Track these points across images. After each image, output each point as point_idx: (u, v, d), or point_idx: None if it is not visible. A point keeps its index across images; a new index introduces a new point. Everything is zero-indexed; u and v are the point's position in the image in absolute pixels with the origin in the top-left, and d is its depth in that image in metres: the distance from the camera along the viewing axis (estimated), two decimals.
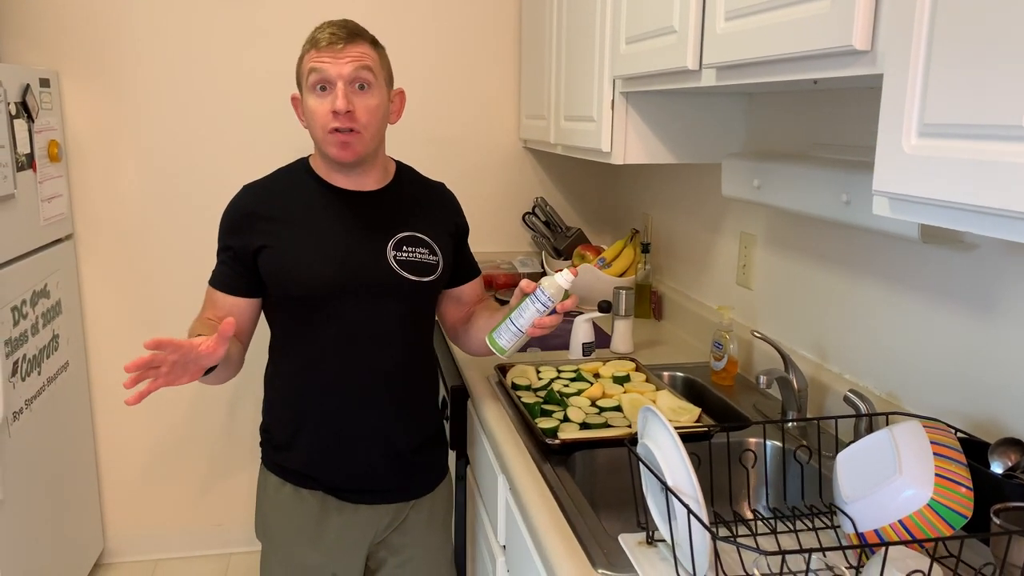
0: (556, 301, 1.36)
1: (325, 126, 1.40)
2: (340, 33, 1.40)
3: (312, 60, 1.40)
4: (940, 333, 1.31)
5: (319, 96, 1.41)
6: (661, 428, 0.98)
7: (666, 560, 1.04)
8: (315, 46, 1.41)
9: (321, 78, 1.39)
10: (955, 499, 0.95)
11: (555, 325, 1.38)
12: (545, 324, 1.37)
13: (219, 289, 1.47)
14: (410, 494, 1.57)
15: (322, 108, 1.40)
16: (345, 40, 1.40)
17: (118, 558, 2.79)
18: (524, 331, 1.38)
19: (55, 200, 2.37)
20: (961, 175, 0.79)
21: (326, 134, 1.41)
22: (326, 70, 1.39)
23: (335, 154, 1.43)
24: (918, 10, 0.83)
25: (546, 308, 1.35)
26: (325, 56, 1.39)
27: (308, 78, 1.41)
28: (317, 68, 1.39)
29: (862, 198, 1.31)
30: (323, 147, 1.44)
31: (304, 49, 1.44)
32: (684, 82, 1.46)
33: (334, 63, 1.39)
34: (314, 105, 1.41)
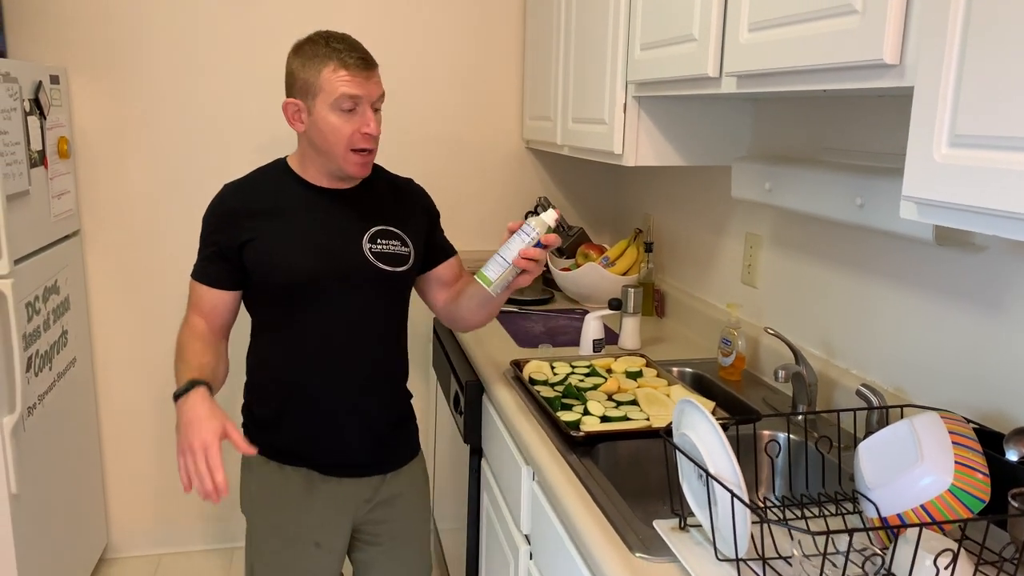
0: (540, 234, 1.41)
1: (351, 144, 1.50)
2: (368, 58, 1.50)
3: (342, 81, 1.47)
4: (949, 330, 1.38)
5: (344, 116, 1.48)
6: (702, 418, 1.03)
7: (700, 544, 1.10)
8: (344, 67, 1.47)
9: (354, 98, 1.47)
10: (974, 484, 1.02)
11: (540, 259, 1.44)
12: (530, 254, 1.42)
13: (205, 283, 1.57)
14: (387, 467, 1.68)
15: (348, 127, 1.49)
16: (371, 65, 1.50)
17: (122, 553, 2.80)
18: (510, 262, 1.43)
19: (64, 196, 2.38)
20: (991, 183, 0.85)
21: (348, 152, 1.51)
22: (358, 93, 1.47)
23: (356, 172, 1.54)
24: (950, 27, 0.90)
25: (530, 239, 1.41)
26: (358, 78, 1.47)
27: (336, 98, 1.47)
28: (350, 91, 1.47)
29: (876, 202, 1.38)
30: (339, 163, 1.52)
31: (321, 64, 1.47)
32: (702, 88, 1.52)
33: (365, 85, 1.48)
34: (338, 123, 1.48)
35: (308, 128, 1.52)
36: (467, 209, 2.85)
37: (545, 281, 2.72)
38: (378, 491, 1.67)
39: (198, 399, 1.37)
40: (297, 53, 1.52)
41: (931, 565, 0.92)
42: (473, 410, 1.95)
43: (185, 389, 1.39)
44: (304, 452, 1.60)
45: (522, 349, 2.06)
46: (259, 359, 1.63)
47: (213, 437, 1.32)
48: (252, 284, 1.56)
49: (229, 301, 1.58)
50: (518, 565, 1.59)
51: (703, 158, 1.95)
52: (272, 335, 1.60)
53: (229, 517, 2.87)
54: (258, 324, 1.63)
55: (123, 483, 2.76)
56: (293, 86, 1.52)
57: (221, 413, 1.36)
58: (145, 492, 2.78)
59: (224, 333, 1.61)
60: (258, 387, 1.64)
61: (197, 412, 1.35)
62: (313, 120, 1.50)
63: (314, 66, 1.48)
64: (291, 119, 1.54)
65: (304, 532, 1.62)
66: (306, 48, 1.51)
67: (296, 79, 1.51)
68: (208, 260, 1.56)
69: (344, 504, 1.64)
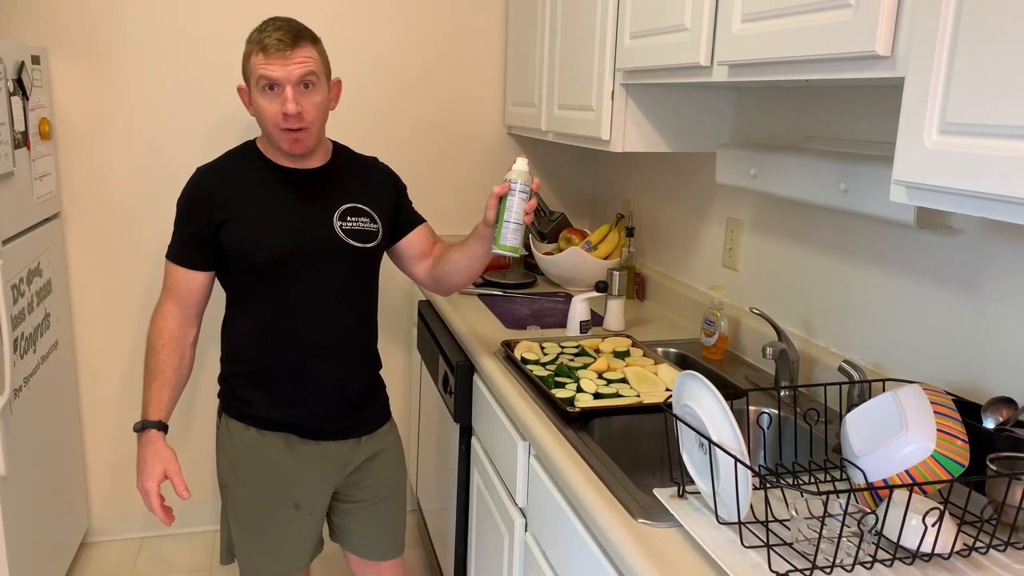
0: (530, 184, 1.53)
1: (276, 124, 1.57)
2: (286, 39, 1.54)
3: (260, 64, 1.54)
4: (926, 309, 1.46)
5: (268, 96, 1.56)
6: (704, 390, 1.09)
7: (699, 510, 1.16)
8: (263, 50, 1.54)
9: (270, 81, 1.54)
10: (954, 451, 1.09)
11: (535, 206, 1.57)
12: (533, 206, 1.55)
13: (182, 265, 1.64)
14: (363, 430, 1.77)
15: (272, 108, 1.56)
16: (291, 45, 1.54)
17: (104, 536, 2.80)
18: (522, 223, 1.54)
19: (45, 178, 2.36)
20: (980, 168, 0.91)
21: (278, 131, 1.58)
22: (275, 75, 1.53)
23: (288, 148, 1.61)
24: (941, 20, 0.96)
25: (526, 194, 1.53)
26: (274, 61, 1.53)
27: (256, 81, 1.55)
28: (266, 72, 1.53)
29: (859, 187, 1.45)
30: (275, 141, 1.61)
31: (250, 49, 1.57)
32: (693, 77, 1.57)
33: (282, 67, 1.54)
34: (264, 104, 1.57)
35: (253, 111, 1.62)
36: (449, 194, 2.88)
37: (527, 265, 2.77)
38: (354, 453, 1.76)
39: (148, 442, 1.56)
40: (246, 41, 1.61)
41: (919, 524, 0.99)
42: (464, 390, 1.99)
43: (142, 427, 1.57)
44: (282, 418, 1.68)
45: (510, 330, 2.11)
46: (235, 332, 1.70)
47: (152, 483, 1.54)
48: (229, 262, 1.63)
49: (205, 282, 1.66)
50: (513, 538, 1.64)
51: (687, 145, 2.01)
52: (248, 309, 1.67)
53: (211, 499, 2.88)
54: (233, 299, 1.70)
55: (104, 466, 2.76)
56: (242, 73, 1.63)
57: (166, 455, 1.55)
58: (126, 475, 2.78)
59: (198, 319, 1.68)
60: (234, 358, 1.70)
61: (145, 453, 1.55)
62: (252, 103, 1.60)
63: (247, 52, 1.59)
64: (245, 104, 1.64)
65: (285, 494, 1.69)
66: (249, 35, 1.60)
67: (242, 66, 1.62)
68: (185, 242, 1.63)
69: (323, 465, 1.72)
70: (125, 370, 2.70)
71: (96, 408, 2.71)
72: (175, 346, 1.62)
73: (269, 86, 1.55)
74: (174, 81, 2.56)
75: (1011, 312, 1.29)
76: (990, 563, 1.04)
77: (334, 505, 1.81)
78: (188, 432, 2.81)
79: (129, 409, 2.73)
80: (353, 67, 2.69)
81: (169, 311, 1.64)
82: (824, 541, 1.00)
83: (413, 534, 2.84)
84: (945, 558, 1.03)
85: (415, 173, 2.83)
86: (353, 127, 2.73)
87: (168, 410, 1.60)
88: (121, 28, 2.49)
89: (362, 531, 1.83)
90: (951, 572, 1.01)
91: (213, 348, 2.64)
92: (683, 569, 1.04)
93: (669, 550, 1.09)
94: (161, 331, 1.62)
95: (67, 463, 2.53)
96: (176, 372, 1.62)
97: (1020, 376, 1.28)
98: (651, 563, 1.06)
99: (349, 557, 1.87)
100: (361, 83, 2.71)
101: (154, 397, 1.59)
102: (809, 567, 0.99)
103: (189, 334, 1.66)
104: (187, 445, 2.81)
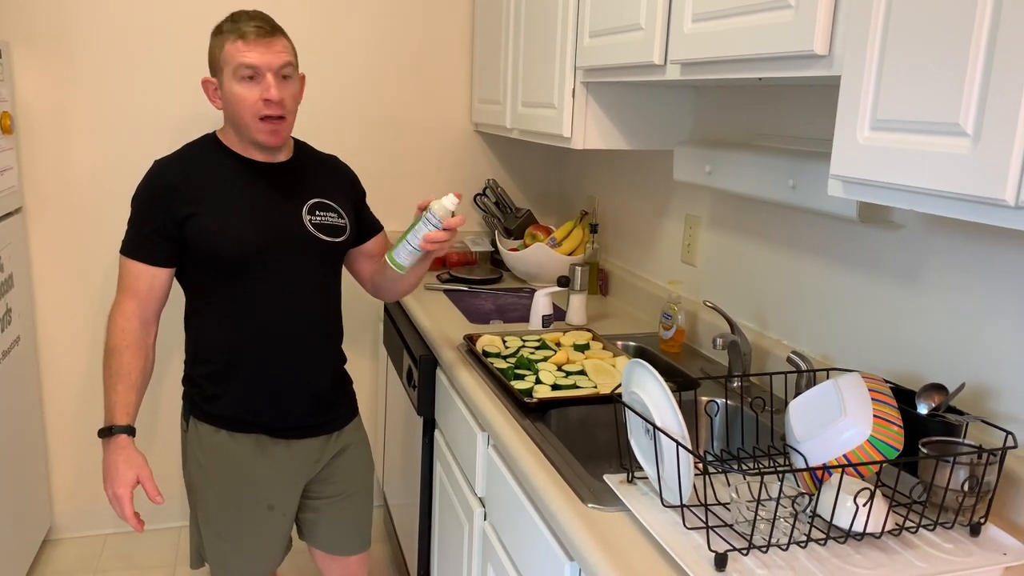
0: (443, 219, 1.54)
1: (255, 113, 1.56)
2: (265, 26, 1.55)
3: (240, 51, 1.53)
4: (871, 301, 1.51)
5: (247, 85, 1.55)
6: (650, 378, 1.12)
7: (646, 495, 1.20)
8: (241, 37, 1.53)
9: (252, 68, 1.53)
10: (889, 435, 1.14)
11: (445, 241, 1.55)
12: (434, 239, 1.54)
13: (142, 261, 1.59)
14: (332, 427, 1.77)
15: (251, 96, 1.55)
16: (270, 33, 1.55)
17: (67, 534, 2.78)
18: (418, 248, 1.56)
19: (6, 173, 2.34)
20: (907, 163, 0.96)
21: (256, 121, 1.57)
22: (256, 61, 1.53)
23: (265, 140, 1.59)
24: (872, 23, 1.00)
25: (432, 225, 1.54)
26: (254, 48, 1.53)
27: (235, 68, 1.54)
28: (247, 59, 1.53)
29: (806, 183, 1.49)
30: (250, 132, 1.59)
31: (223, 38, 1.56)
32: (648, 75, 1.61)
33: (262, 55, 1.54)
34: (242, 93, 1.55)
35: (223, 104, 1.60)
36: (416, 191, 2.90)
37: (493, 261, 2.80)
38: (324, 451, 1.76)
39: (118, 447, 1.52)
40: (213, 33, 1.60)
41: (851, 504, 1.04)
42: (427, 383, 2.01)
43: (109, 432, 1.53)
44: (252, 418, 1.66)
45: (474, 325, 2.13)
46: (200, 330, 1.67)
47: (125, 490, 1.50)
48: (193, 258, 1.59)
49: (166, 279, 1.62)
50: (473, 527, 1.67)
51: (647, 142, 2.05)
52: (213, 306, 1.64)
53: (175, 496, 2.87)
54: (196, 295, 1.66)
55: (67, 463, 2.74)
56: (210, 65, 1.61)
57: (137, 461, 1.52)
58: (89, 472, 2.76)
59: (158, 317, 1.64)
60: (200, 358, 1.68)
61: (116, 459, 1.51)
62: (224, 94, 1.58)
63: (219, 42, 1.57)
64: (211, 97, 1.62)
65: (258, 496, 1.68)
66: (218, 26, 1.59)
67: (210, 58, 1.60)
68: (145, 238, 1.58)
69: (295, 465, 1.72)
70: (88, 365, 2.69)
71: (59, 404, 2.69)
72: (139, 346, 1.58)
73: (249, 75, 1.53)
74: (139, 76, 2.56)
75: (947, 303, 1.34)
76: (920, 542, 1.08)
77: (302, 502, 1.80)
78: (153, 430, 2.80)
79: (92, 405, 2.72)
80: (319, 62, 2.70)
81: (130, 310, 1.58)
82: (762, 522, 1.04)
83: (380, 529, 2.86)
84: (877, 537, 1.07)
85: (381, 168, 2.85)
86: (319, 121, 2.73)
87: (135, 413, 1.56)
88: (85, 22, 2.48)
89: (329, 527, 1.83)
90: (883, 550, 1.06)
91: (173, 346, 2.63)
92: (629, 551, 1.08)
93: (616, 533, 1.12)
94: (123, 331, 1.57)
95: (29, 459, 2.52)
96: (141, 373, 1.58)
97: (953, 364, 1.33)
98: (598, 546, 1.09)
99: (315, 553, 1.87)
100: (327, 78, 2.72)
101: (120, 400, 1.54)
102: (746, 546, 1.02)
103: (151, 333, 1.62)
104: (152, 443, 2.80)
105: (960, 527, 1.12)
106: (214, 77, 1.60)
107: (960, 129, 0.89)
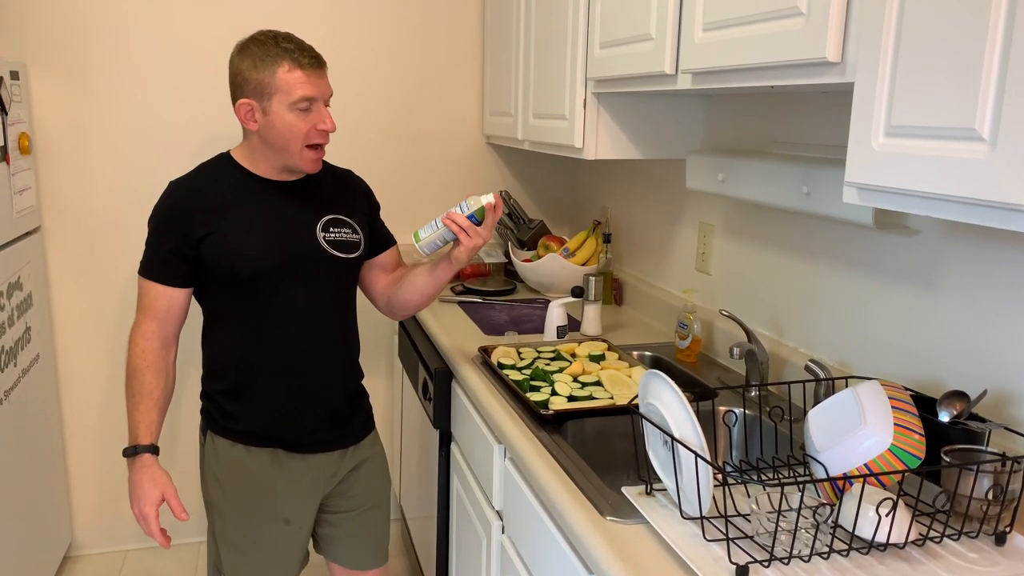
0: (472, 208, 1.59)
1: (308, 140, 1.57)
2: (318, 57, 1.57)
3: (300, 81, 1.53)
4: (888, 307, 1.50)
5: (302, 114, 1.55)
6: (667, 388, 1.12)
7: (665, 507, 1.19)
8: (299, 67, 1.53)
9: (311, 98, 1.54)
10: (911, 444, 1.13)
11: (469, 229, 1.59)
12: (456, 218, 1.59)
13: (160, 282, 1.60)
14: (349, 440, 1.77)
15: (305, 125, 1.56)
16: (321, 64, 1.58)
17: (87, 550, 2.80)
18: (439, 223, 1.61)
19: (25, 193, 2.37)
20: (923, 168, 0.95)
21: (304, 149, 1.58)
22: (315, 93, 1.55)
23: (311, 168, 1.62)
24: (885, 28, 1.00)
25: (462, 210, 1.60)
26: (312, 79, 1.54)
27: (293, 98, 1.53)
28: (306, 89, 1.53)
29: (821, 189, 1.48)
30: (294, 159, 1.59)
31: (275, 65, 1.52)
32: (660, 85, 1.61)
33: (319, 85, 1.56)
34: (295, 122, 1.55)
35: (262, 127, 1.57)
36: (429, 203, 2.91)
37: (507, 272, 2.80)
38: (340, 465, 1.75)
39: (143, 466, 1.55)
40: (244, 53, 1.55)
41: (874, 514, 1.02)
42: (442, 396, 2.01)
43: (134, 451, 1.56)
44: (269, 433, 1.67)
45: (488, 336, 2.13)
46: (217, 347, 1.68)
47: (151, 508, 1.54)
48: (210, 276, 1.60)
49: (184, 299, 1.63)
50: (491, 540, 1.66)
51: (659, 151, 2.05)
52: (230, 324, 1.64)
53: (195, 511, 2.87)
54: (213, 313, 1.67)
55: (88, 479, 2.76)
56: (244, 87, 1.55)
57: (162, 479, 1.56)
58: (109, 488, 2.78)
59: (177, 337, 1.66)
60: (218, 374, 1.68)
61: (141, 478, 1.55)
62: (269, 120, 1.55)
63: (267, 67, 1.53)
64: (244, 119, 1.58)
65: (274, 509, 1.69)
66: (254, 49, 1.54)
67: (248, 80, 1.54)
68: (162, 259, 1.59)
69: (312, 479, 1.72)
70: (106, 382, 2.71)
71: (78, 421, 2.71)
72: (160, 366, 1.60)
73: (307, 107, 1.54)
74: (153, 96, 2.58)
75: (965, 309, 1.33)
76: (945, 552, 1.07)
77: (319, 516, 1.80)
78: (173, 445, 2.81)
79: (112, 421, 2.74)
80: (332, 76, 2.71)
81: (150, 331, 1.60)
82: (783, 533, 1.03)
83: (397, 542, 2.85)
84: (900, 547, 1.06)
85: (394, 181, 2.86)
86: (334, 136, 2.75)
87: (158, 432, 1.58)
88: (100, 44, 2.51)
89: (347, 541, 1.83)
90: (906, 561, 1.04)
91: (191, 362, 2.65)
92: (648, 564, 1.07)
93: (636, 546, 1.12)
94: (144, 352, 1.59)
95: (49, 476, 2.53)
96: (163, 393, 1.60)
97: (973, 370, 1.31)
98: (618, 559, 1.08)
99: (333, 567, 1.87)
100: (340, 92, 2.74)
101: (143, 420, 1.56)
102: (768, 558, 1.01)
103: (171, 353, 1.64)
104: (172, 458, 2.82)
105: (985, 536, 1.10)
106: (251, 99, 1.55)
107: (976, 134, 0.88)
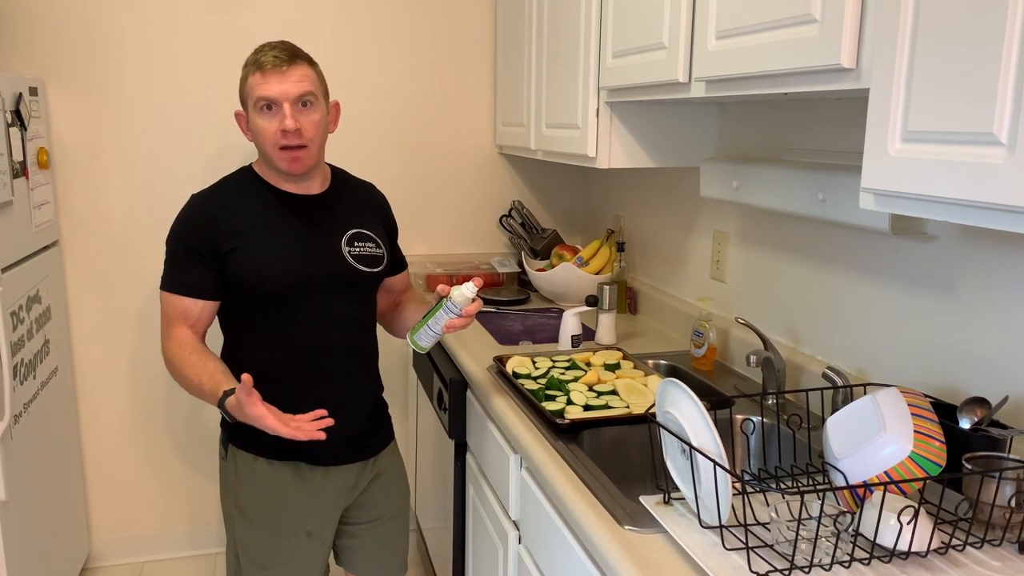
0: (463, 307, 1.55)
1: (275, 143, 1.56)
2: (282, 56, 1.56)
3: (258, 82, 1.55)
4: (905, 314, 1.49)
5: (266, 116, 1.56)
6: (685, 396, 1.11)
7: (684, 516, 1.18)
8: (260, 69, 1.55)
9: (268, 99, 1.54)
10: (932, 451, 1.12)
11: (465, 325, 1.57)
12: (455, 325, 1.56)
13: (189, 295, 1.58)
14: (370, 452, 1.77)
15: (270, 127, 1.55)
16: (287, 62, 1.55)
17: (105, 562, 2.81)
18: (440, 333, 1.59)
19: (44, 207, 2.40)
20: (940, 174, 0.95)
21: (276, 150, 1.57)
22: (272, 93, 1.54)
23: (287, 168, 1.59)
24: (900, 34, 0.99)
25: (454, 314, 1.56)
26: (271, 78, 1.54)
27: (255, 102, 1.55)
28: (263, 92, 1.54)
29: (836, 196, 1.48)
30: (273, 162, 1.60)
31: (247, 71, 1.58)
32: (673, 93, 1.61)
33: (279, 85, 1.54)
34: (262, 124, 1.56)
35: (251, 135, 1.61)
36: (442, 214, 2.92)
37: (520, 282, 2.80)
38: (361, 476, 1.76)
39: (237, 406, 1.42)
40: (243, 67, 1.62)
41: (895, 522, 1.02)
42: (457, 406, 2.01)
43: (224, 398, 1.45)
44: (292, 446, 1.64)
45: (503, 346, 2.13)
46: (240, 361, 1.65)
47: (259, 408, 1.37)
48: (233, 292, 1.60)
49: (211, 311, 1.62)
50: (507, 551, 1.66)
51: (673, 160, 2.05)
52: (253, 338, 1.64)
53: (212, 522, 2.89)
54: (236, 328, 1.66)
55: (104, 492, 2.77)
56: (240, 98, 1.63)
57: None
58: (126, 500, 2.79)
59: (204, 339, 1.64)
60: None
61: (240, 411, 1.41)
62: (252, 127, 1.59)
63: (244, 75, 1.59)
64: (243, 129, 1.64)
65: (296, 523, 1.68)
66: (246, 59, 1.60)
67: (239, 91, 1.62)
68: (187, 272, 1.58)
69: (333, 492, 1.71)
70: (124, 395, 2.73)
71: (96, 433, 2.73)
72: (203, 348, 1.57)
73: (267, 105, 1.54)
74: (170, 110, 2.61)
75: (985, 314, 1.32)
76: (967, 560, 1.06)
77: (339, 528, 1.80)
78: (193, 457, 2.82)
79: (129, 434, 2.75)
80: (345, 88, 2.74)
81: (182, 333, 1.57)
82: (804, 542, 1.02)
83: (413, 553, 2.84)
84: (923, 556, 1.05)
85: (408, 193, 2.87)
86: (344, 147, 2.77)
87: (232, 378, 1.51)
88: (117, 59, 2.54)
89: (368, 552, 1.83)
90: (929, 570, 1.03)
91: None
92: (667, 573, 1.06)
93: (654, 555, 1.11)
94: (181, 344, 1.55)
95: (67, 488, 2.55)
96: (217, 360, 1.55)
97: (994, 376, 1.30)
98: (637, 568, 1.08)
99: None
100: (352, 104, 2.76)
101: (216, 375, 1.49)
102: (788, 567, 1.00)
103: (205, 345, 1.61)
104: (191, 470, 2.83)
105: (1008, 544, 1.09)
106: (242, 110, 1.63)
107: (994, 139, 0.88)
